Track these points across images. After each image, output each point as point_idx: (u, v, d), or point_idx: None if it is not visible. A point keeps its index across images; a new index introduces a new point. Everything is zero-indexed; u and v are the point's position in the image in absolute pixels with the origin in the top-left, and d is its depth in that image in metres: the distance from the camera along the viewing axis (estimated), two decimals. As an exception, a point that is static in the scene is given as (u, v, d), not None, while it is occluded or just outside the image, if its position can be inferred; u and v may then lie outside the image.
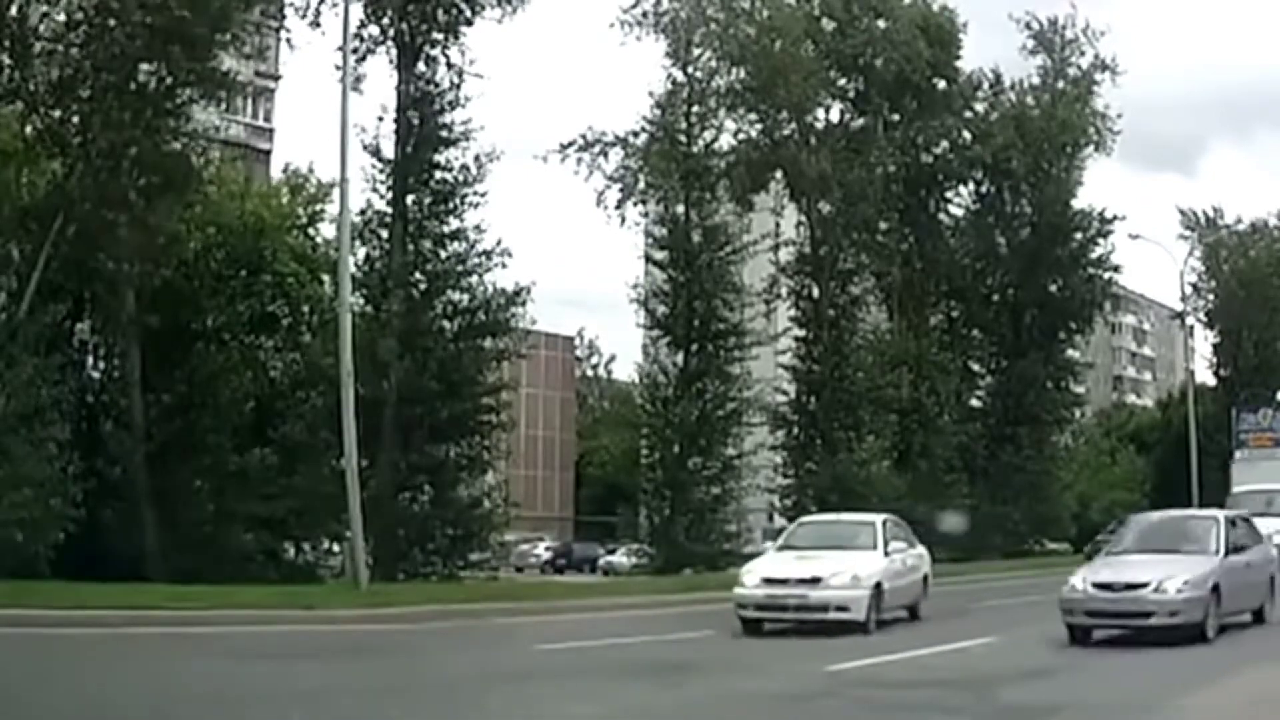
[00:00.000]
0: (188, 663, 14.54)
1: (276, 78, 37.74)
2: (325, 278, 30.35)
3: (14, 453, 22.48)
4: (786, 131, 41.74)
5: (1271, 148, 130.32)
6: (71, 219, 24.85)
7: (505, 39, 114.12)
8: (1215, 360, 61.37)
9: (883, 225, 44.50)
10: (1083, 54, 46.42)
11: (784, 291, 43.39)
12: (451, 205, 32.26)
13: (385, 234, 31.99)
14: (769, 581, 18.33)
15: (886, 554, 19.26)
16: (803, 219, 43.81)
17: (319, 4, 30.12)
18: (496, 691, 12.89)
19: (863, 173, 41.83)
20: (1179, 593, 15.34)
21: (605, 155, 39.51)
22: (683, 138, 39.49)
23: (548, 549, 65.31)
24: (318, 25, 29.60)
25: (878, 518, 20.96)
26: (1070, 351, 50.56)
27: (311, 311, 30.73)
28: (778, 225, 43.69)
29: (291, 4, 29.30)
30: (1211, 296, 59.90)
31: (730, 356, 39.58)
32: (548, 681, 14.04)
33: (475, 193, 32.29)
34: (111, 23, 24.52)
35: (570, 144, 39.59)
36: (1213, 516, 18.41)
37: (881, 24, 42.87)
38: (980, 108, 46.29)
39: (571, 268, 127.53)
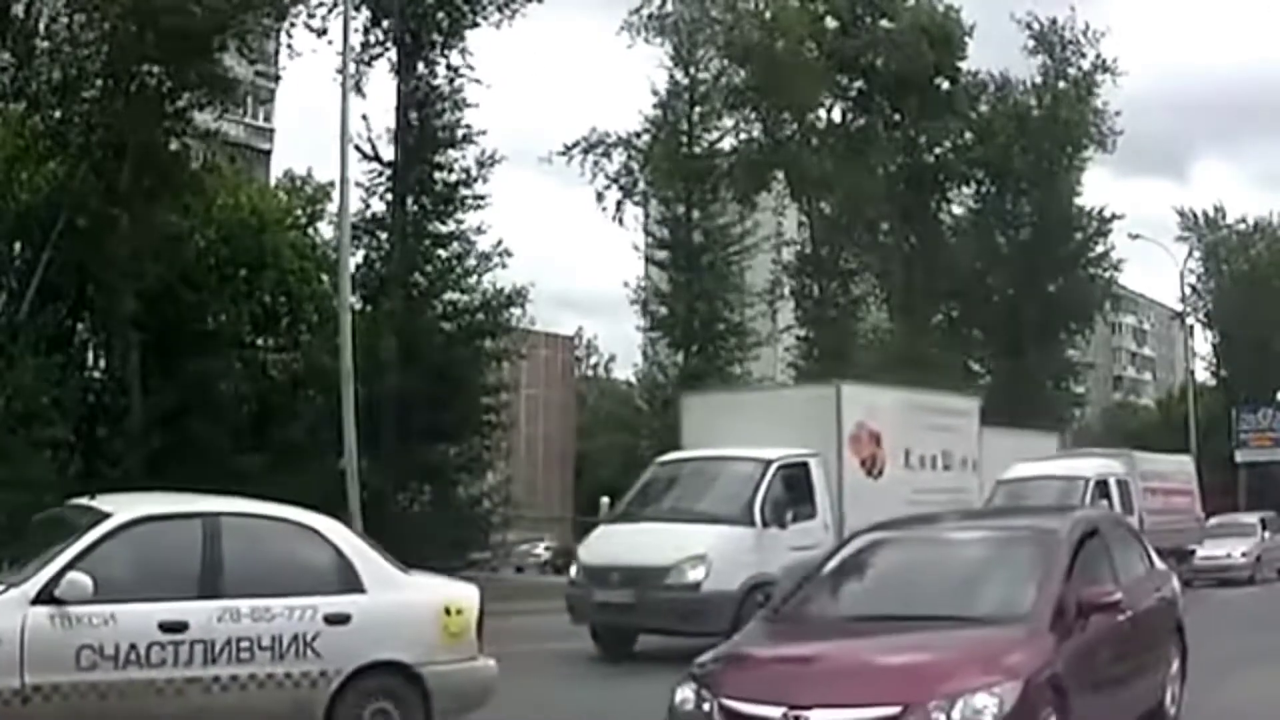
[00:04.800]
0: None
1: (277, 78, 37.64)
2: (325, 276, 30.40)
3: (14, 453, 22.49)
4: (788, 131, 41.78)
5: (1257, 154, 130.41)
6: (72, 219, 24.88)
7: (507, 43, 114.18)
8: (1215, 360, 61.39)
9: (884, 225, 44.53)
10: (1083, 55, 46.48)
11: (786, 291, 43.46)
12: (451, 207, 32.31)
13: (385, 234, 32.03)
14: None
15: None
16: (804, 219, 43.87)
17: (327, 12, 29.96)
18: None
19: (864, 173, 41.85)
20: None
21: (609, 156, 39.62)
22: (685, 138, 39.55)
23: (547, 549, 65.27)
24: (324, 33, 29.34)
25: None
26: (1070, 351, 50.52)
27: (314, 309, 30.76)
28: (779, 225, 43.72)
29: (293, 7, 29.09)
30: (1211, 296, 59.94)
31: (731, 356, 39.61)
32: (542, 680, 14.06)
33: (475, 194, 32.40)
34: (110, 25, 24.54)
35: (574, 145, 39.73)
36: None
37: (885, 24, 42.92)
38: (983, 108, 46.28)
39: (570, 269, 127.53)
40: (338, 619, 8.26)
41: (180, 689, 7.79)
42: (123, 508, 8.28)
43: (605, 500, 14.06)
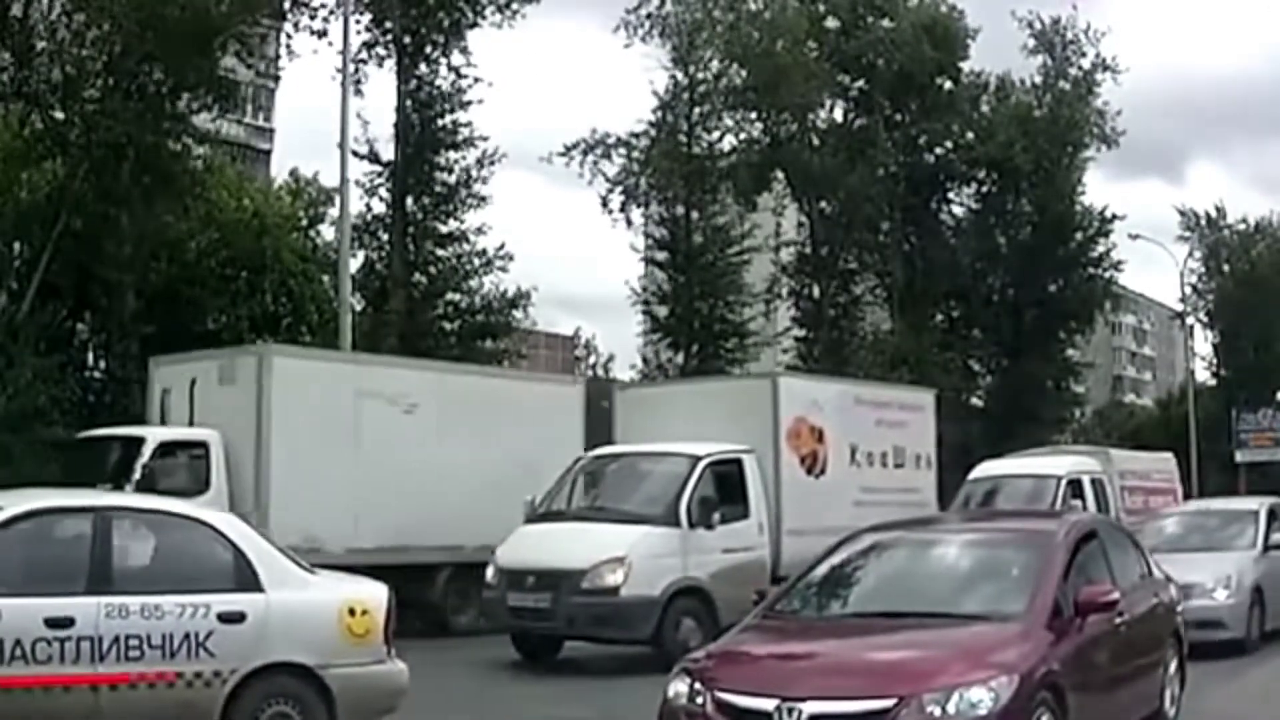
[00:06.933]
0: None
1: (277, 79, 37.59)
2: (326, 277, 30.37)
3: (14, 453, 22.47)
4: (788, 131, 41.74)
5: (1251, 156, 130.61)
6: (73, 219, 24.88)
7: (507, 44, 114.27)
8: (1215, 360, 61.39)
9: (884, 225, 44.53)
10: (1084, 55, 46.48)
11: (785, 291, 43.46)
12: (452, 207, 32.32)
13: (385, 235, 32.03)
14: None
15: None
16: (804, 219, 43.86)
17: (327, 14, 29.79)
18: (487, 691, 12.95)
19: (865, 172, 41.83)
20: None
21: (609, 157, 39.55)
22: (684, 138, 39.53)
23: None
24: (323, 35, 29.15)
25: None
26: (1070, 351, 50.50)
27: (316, 311, 30.73)
28: (779, 225, 43.69)
29: (293, 9, 29.02)
30: (1211, 296, 59.93)
31: (731, 357, 39.59)
32: (542, 678, 14.09)
33: (476, 194, 32.39)
34: (111, 24, 24.53)
35: (574, 146, 39.64)
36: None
37: (886, 24, 42.88)
38: (984, 108, 46.24)
39: (571, 270, 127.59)
40: (232, 618, 8.08)
41: (67, 686, 7.63)
42: (11, 501, 8.08)
43: (528, 498, 13.19)
